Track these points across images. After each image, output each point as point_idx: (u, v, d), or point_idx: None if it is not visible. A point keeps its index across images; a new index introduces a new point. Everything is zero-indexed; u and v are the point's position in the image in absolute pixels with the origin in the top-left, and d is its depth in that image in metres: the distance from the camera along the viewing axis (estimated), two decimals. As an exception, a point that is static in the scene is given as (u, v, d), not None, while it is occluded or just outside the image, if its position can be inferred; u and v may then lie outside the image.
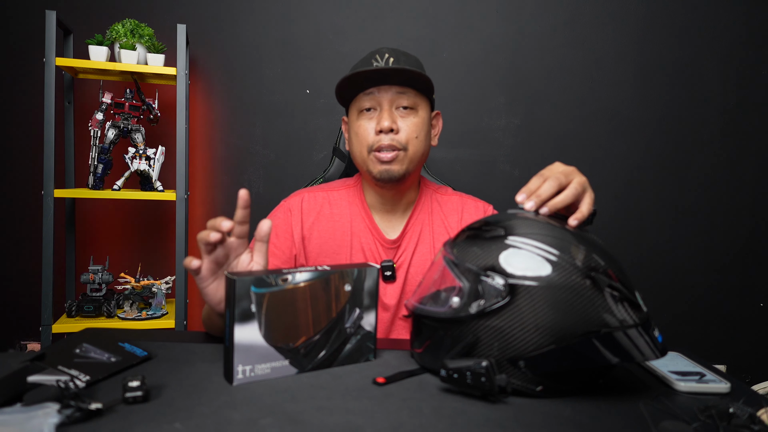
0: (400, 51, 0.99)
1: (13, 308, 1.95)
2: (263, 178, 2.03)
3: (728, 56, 2.10)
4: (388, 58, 0.96)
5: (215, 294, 0.71)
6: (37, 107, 1.71)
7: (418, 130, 0.98)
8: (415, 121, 0.97)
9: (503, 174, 2.09)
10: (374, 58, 0.97)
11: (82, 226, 1.95)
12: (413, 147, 0.97)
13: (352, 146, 1.02)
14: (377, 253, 1.03)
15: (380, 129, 0.95)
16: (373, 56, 0.97)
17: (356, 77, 0.94)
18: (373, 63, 0.96)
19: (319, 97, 2.02)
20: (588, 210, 0.70)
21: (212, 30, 1.98)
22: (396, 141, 0.95)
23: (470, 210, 1.08)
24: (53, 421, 0.49)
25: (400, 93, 0.96)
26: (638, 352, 0.61)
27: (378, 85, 0.96)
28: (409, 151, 0.97)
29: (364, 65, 0.97)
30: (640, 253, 2.13)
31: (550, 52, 2.07)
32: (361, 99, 0.97)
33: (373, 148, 0.96)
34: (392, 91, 0.96)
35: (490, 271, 0.63)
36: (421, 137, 0.98)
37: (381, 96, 0.96)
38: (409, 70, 0.91)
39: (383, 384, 0.65)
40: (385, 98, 0.96)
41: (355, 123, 0.99)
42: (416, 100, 0.98)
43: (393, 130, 0.95)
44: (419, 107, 0.98)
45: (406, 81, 0.95)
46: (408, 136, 0.96)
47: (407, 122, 0.97)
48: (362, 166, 1.00)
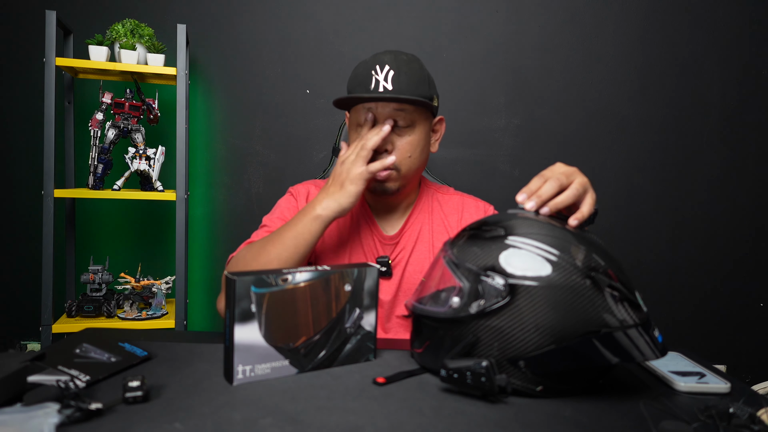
0: (402, 59, 0.96)
1: (13, 308, 1.95)
2: (263, 178, 2.03)
3: (728, 56, 2.10)
4: (387, 72, 0.94)
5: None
6: (37, 107, 1.71)
7: (413, 149, 0.97)
8: (410, 140, 0.96)
9: (503, 174, 2.09)
10: (374, 69, 0.94)
11: (82, 226, 1.95)
12: (405, 166, 0.97)
13: None
14: (375, 250, 1.03)
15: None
16: (374, 67, 0.95)
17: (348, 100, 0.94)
18: (373, 75, 0.94)
19: (319, 97, 2.02)
20: (589, 210, 0.70)
21: (212, 30, 1.98)
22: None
23: (470, 210, 1.09)
24: (53, 421, 0.49)
25: (397, 111, 0.94)
26: (638, 352, 0.61)
27: (376, 101, 0.94)
28: (402, 171, 0.97)
29: (365, 75, 0.95)
30: (640, 253, 2.12)
31: (550, 52, 2.07)
32: (359, 111, 0.96)
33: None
34: (390, 108, 0.94)
35: (490, 271, 0.63)
36: (415, 155, 0.97)
37: (379, 112, 0.94)
38: (401, 98, 0.90)
39: (383, 384, 0.65)
40: (382, 115, 0.94)
41: (354, 133, 0.99)
42: (414, 116, 0.96)
43: (387, 150, 0.95)
44: (417, 123, 0.97)
45: (393, 101, 0.93)
46: (401, 156, 0.96)
47: (402, 141, 0.96)
48: None
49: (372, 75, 0.94)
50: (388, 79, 0.93)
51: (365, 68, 0.96)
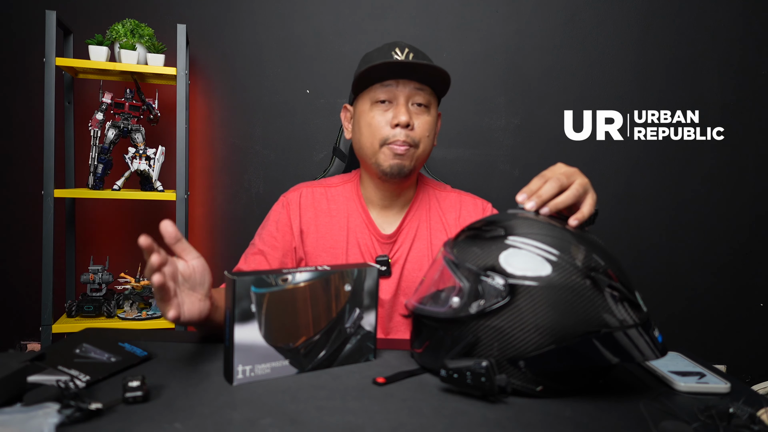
0: (413, 46, 0.98)
1: (13, 308, 1.95)
2: (263, 178, 2.03)
3: (728, 56, 2.10)
4: (408, 53, 0.96)
5: (192, 312, 0.69)
6: (37, 107, 1.71)
7: (430, 129, 0.98)
8: (428, 119, 0.98)
9: (503, 174, 2.09)
10: (394, 51, 0.96)
11: (82, 226, 1.95)
12: (423, 144, 0.98)
13: (362, 137, 0.99)
14: (373, 248, 1.03)
15: (397, 123, 0.94)
16: (393, 49, 0.96)
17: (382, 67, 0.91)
18: (393, 55, 0.95)
19: (319, 97, 2.02)
20: (589, 211, 0.70)
21: (212, 30, 1.98)
22: (410, 137, 0.95)
23: (468, 207, 1.08)
24: (53, 421, 0.49)
25: (418, 89, 0.95)
26: (638, 352, 0.61)
27: (399, 78, 0.95)
28: (420, 149, 0.97)
29: (383, 56, 0.96)
30: (639, 253, 2.12)
31: (550, 52, 2.07)
32: (377, 90, 0.96)
33: (387, 141, 0.95)
34: (411, 86, 0.95)
35: (490, 271, 0.63)
36: (431, 136, 0.99)
37: (399, 90, 0.95)
38: (436, 67, 0.91)
39: (383, 384, 0.65)
40: (403, 93, 0.95)
41: (368, 114, 0.97)
42: (430, 98, 0.98)
43: (409, 125, 0.95)
44: (431, 106, 0.99)
45: (425, 78, 0.95)
46: (421, 133, 0.97)
47: (421, 120, 0.97)
48: (369, 158, 0.99)
49: (392, 54, 0.95)
50: (410, 57, 0.95)
51: (381, 52, 0.97)
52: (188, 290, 0.70)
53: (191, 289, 0.70)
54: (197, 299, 0.70)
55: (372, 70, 0.92)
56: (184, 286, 0.69)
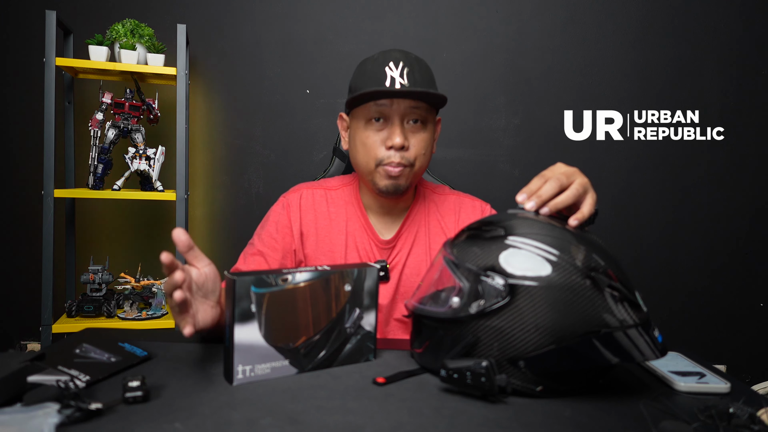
0: (412, 57, 0.96)
1: (13, 308, 1.95)
2: (263, 178, 2.03)
3: (728, 56, 2.10)
4: (402, 68, 0.93)
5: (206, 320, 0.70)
6: (37, 107, 1.71)
7: (426, 146, 0.97)
8: (424, 137, 0.96)
9: (503, 174, 2.09)
10: (387, 66, 0.93)
11: (82, 226, 1.95)
12: (419, 162, 0.97)
13: (357, 154, 0.98)
14: (371, 253, 1.03)
15: (391, 145, 0.93)
16: (386, 63, 0.94)
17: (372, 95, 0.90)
18: (387, 72, 0.93)
19: (319, 97, 2.02)
20: (589, 211, 0.70)
21: (212, 30, 1.98)
22: (405, 158, 0.94)
23: (467, 209, 1.08)
24: (53, 421, 0.49)
25: (412, 108, 0.93)
26: (638, 352, 0.61)
27: (392, 98, 0.93)
28: (415, 167, 0.96)
29: (378, 68, 0.94)
30: (639, 253, 2.12)
31: (550, 52, 2.07)
32: (371, 108, 0.94)
33: (382, 162, 0.94)
34: (405, 104, 0.93)
35: (490, 271, 0.63)
36: (427, 153, 0.98)
37: (393, 109, 0.93)
38: (429, 92, 0.89)
39: (383, 384, 0.65)
40: (397, 112, 0.93)
41: (362, 132, 0.96)
42: (426, 114, 0.96)
43: (404, 147, 0.94)
44: (428, 121, 0.97)
45: (421, 96, 0.93)
46: (417, 152, 0.95)
47: (416, 138, 0.95)
48: (366, 176, 0.98)
49: (386, 71, 0.93)
50: (404, 75, 0.93)
51: (375, 65, 0.95)
52: (201, 298, 0.71)
53: (204, 296, 0.71)
54: (209, 306, 0.71)
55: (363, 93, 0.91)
56: (197, 294, 0.70)
